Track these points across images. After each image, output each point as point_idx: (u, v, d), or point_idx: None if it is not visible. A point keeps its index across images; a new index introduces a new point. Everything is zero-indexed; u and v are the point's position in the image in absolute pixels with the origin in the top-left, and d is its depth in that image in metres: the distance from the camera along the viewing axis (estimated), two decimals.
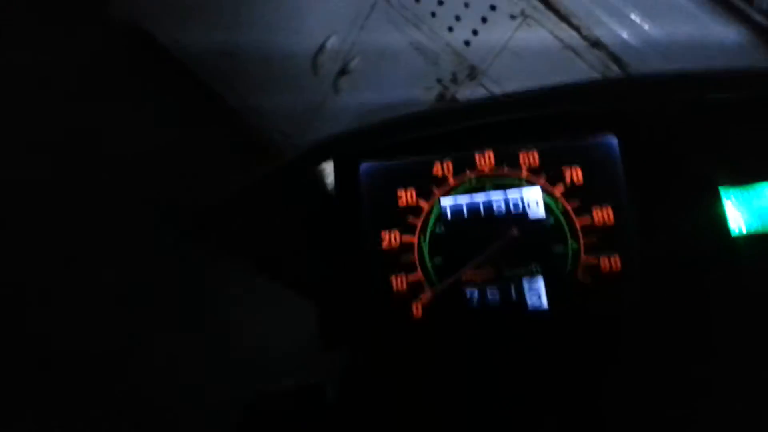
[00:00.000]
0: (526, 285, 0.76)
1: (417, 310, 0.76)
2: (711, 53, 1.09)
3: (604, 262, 0.74)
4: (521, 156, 0.80)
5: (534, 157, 0.79)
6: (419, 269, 0.77)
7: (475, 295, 0.76)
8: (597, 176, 0.77)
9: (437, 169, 0.81)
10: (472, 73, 1.28)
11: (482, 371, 0.74)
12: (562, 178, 0.78)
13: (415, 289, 0.77)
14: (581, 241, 0.75)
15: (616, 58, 1.16)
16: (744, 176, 0.75)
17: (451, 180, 0.80)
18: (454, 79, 1.32)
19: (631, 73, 1.14)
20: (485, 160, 0.80)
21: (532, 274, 0.76)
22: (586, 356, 0.73)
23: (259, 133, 1.53)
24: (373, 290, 0.77)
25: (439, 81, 1.34)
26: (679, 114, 0.77)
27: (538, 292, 0.75)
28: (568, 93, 0.76)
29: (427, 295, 0.76)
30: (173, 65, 1.58)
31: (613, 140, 0.77)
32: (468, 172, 0.80)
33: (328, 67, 1.44)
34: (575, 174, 0.78)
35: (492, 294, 0.76)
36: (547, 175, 0.78)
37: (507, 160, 0.80)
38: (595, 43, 1.16)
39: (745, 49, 1.08)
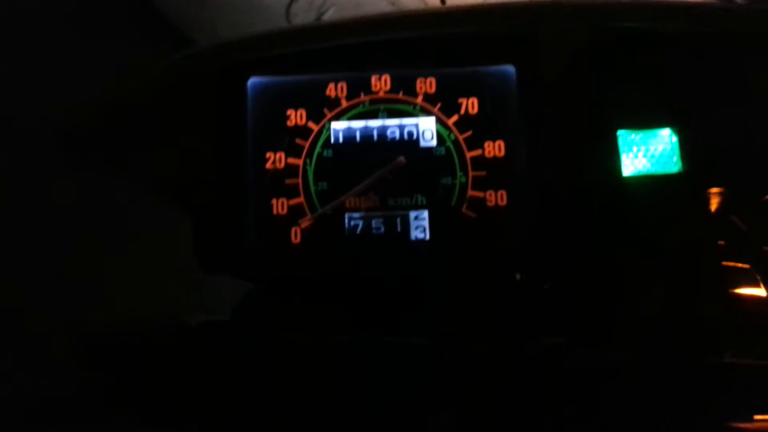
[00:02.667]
0: (411, 217, 0.73)
1: (296, 235, 0.72)
2: None
3: (491, 197, 0.72)
4: (418, 82, 0.75)
5: (431, 84, 0.75)
6: (302, 193, 0.73)
7: (358, 223, 0.73)
8: (492, 108, 0.74)
9: (330, 89, 0.76)
10: None
11: (358, 301, 0.71)
12: (457, 108, 0.74)
13: (296, 214, 0.73)
14: (470, 174, 0.72)
15: None
16: (641, 121, 0.72)
17: (343, 102, 0.76)
18: None
19: None
20: (381, 83, 0.76)
21: (417, 206, 0.72)
22: (464, 292, 0.71)
23: None
24: (252, 213, 0.73)
25: None
26: (583, 48, 0.73)
27: (422, 225, 0.72)
28: (468, 15, 0.71)
29: (306, 221, 0.73)
30: (145, 8, 1.50)
31: (511, 70, 0.74)
32: (362, 95, 0.76)
33: (302, 16, 1.38)
34: (471, 104, 0.74)
35: (376, 224, 0.73)
36: (443, 103, 0.74)
37: (403, 85, 0.76)
38: None
39: None
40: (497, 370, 0.64)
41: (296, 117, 0.75)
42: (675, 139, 0.71)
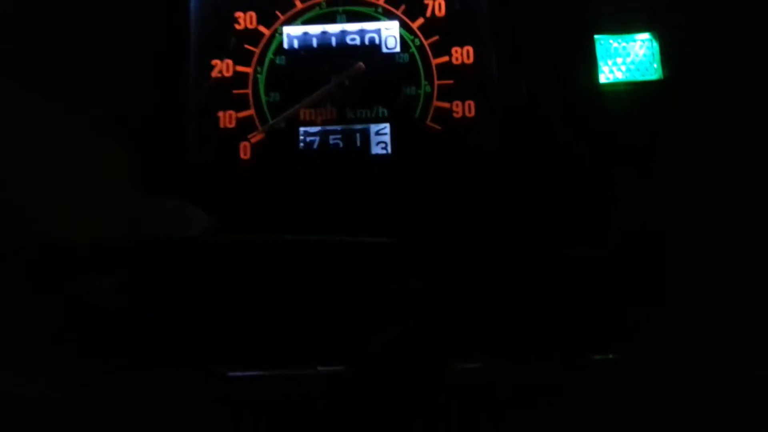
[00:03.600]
0: (372, 131, 0.67)
1: (245, 151, 0.66)
2: None
3: (458, 108, 0.66)
4: None
5: None
6: (252, 105, 0.66)
7: (314, 139, 0.67)
8: (460, 9, 0.67)
9: None
10: None
11: (314, 220, 0.66)
12: (422, 11, 0.67)
13: (245, 128, 0.67)
14: (435, 83, 0.66)
15: None
16: (620, 25, 0.66)
17: (298, 3, 0.68)
18: None
19: None
20: None
21: (378, 119, 0.66)
22: (427, 208, 0.66)
23: None
24: (197, 126, 0.66)
25: None
26: None
27: (384, 140, 0.66)
28: None
29: (257, 135, 0.66)
30: None
31: None
32: None
33: None
34: (437, 6, 0.67)
35: (333, 139, 0.67)
36: (407, 5, 0.68)
37: None
38: None
39: None
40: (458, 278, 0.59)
41: (245, 20, 0.68)
42: (655, 44, 0.66)
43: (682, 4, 0.65)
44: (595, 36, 0.66)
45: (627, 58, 0.66)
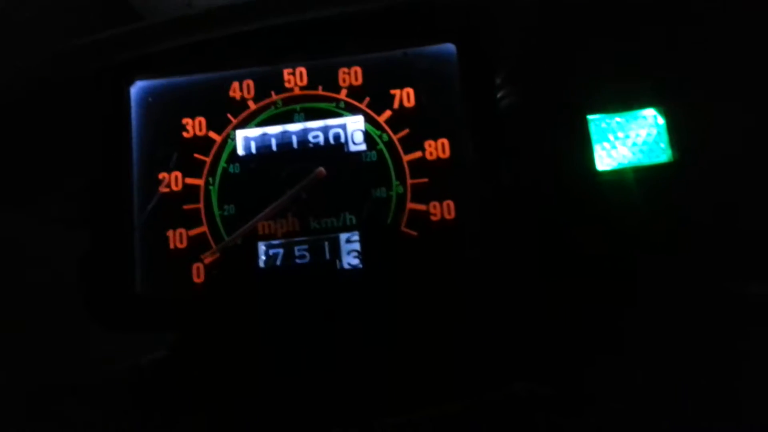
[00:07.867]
0: (342, 240, 0.59)
1: (198, 274, 0.58)
2: None
3: (435, 209, 0.58)
4: (341, 73, 0.61)
5: (357, 75, 0.61)
6: (204, 221, 0.59)
7: (277, 252, 0.59)
8: (431, 98, 0.59)
9: (234, 89, 0.62)
10: None
11: (279, 349, 0.57)
12: (389, 102, 0.60)
13: (197, 247, 0.59)
14: (408, 182, 0.58)
15: None
16: (617, 101, 0.58)
17: (251, 104, 0.61)
18: None
19: None
20: (296, 78, 0.61)
21: (346, 227, 0.58)
22: (407, 327, 0.57)
23: None
24: (144, 248, 0.59)
25: None
26: (539, 17, 0.58)
27: (356, 249, 0.58)
28: None
29: (211, 255, 0.58)
30: None
31: (451, 49, 0.59)
32: (273, 93, 0.61)
33: None
34: (406, 96, 0.60)
35: (299, 251, 0.59)
36: (372, 98, 0.60)
37: (323, 77, 0.61)
38: None
39: None
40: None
41: (194, 126, 0.61)
42: (662, 120, 0.57)
43: (693, 71, 0.56)
44: (588, 116, 0.57)
45: (628, 139, 0.57)
